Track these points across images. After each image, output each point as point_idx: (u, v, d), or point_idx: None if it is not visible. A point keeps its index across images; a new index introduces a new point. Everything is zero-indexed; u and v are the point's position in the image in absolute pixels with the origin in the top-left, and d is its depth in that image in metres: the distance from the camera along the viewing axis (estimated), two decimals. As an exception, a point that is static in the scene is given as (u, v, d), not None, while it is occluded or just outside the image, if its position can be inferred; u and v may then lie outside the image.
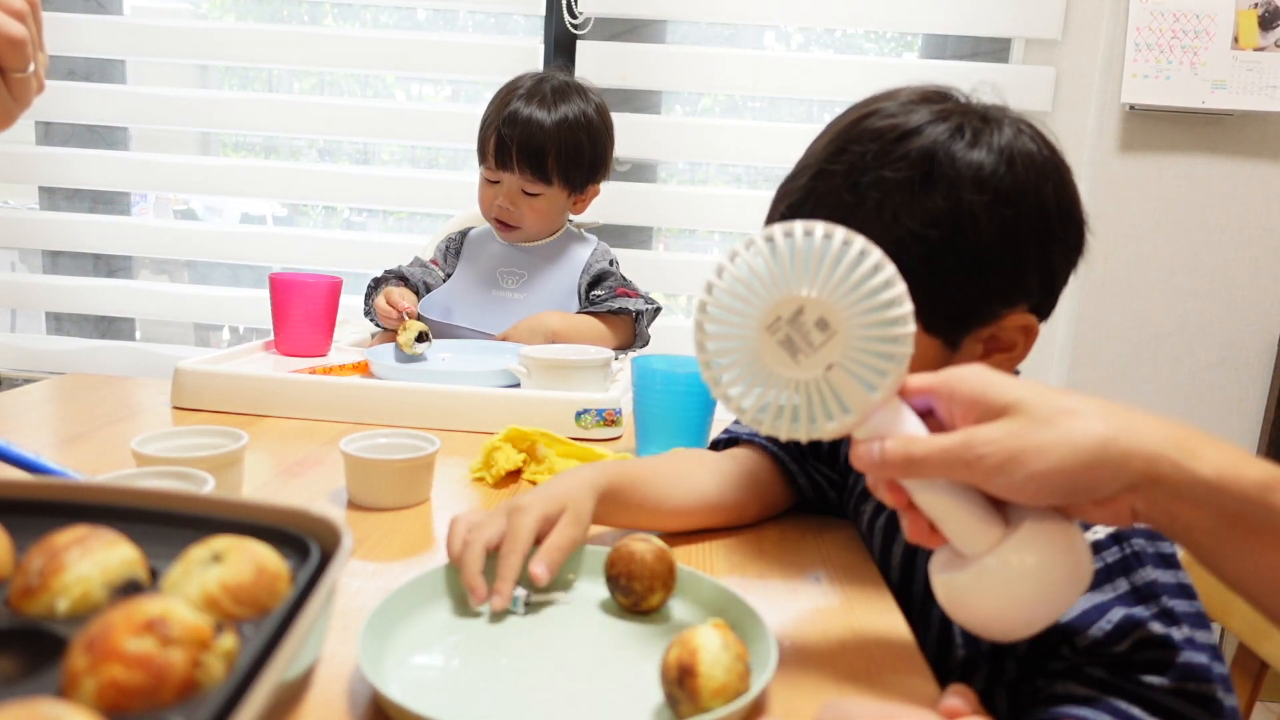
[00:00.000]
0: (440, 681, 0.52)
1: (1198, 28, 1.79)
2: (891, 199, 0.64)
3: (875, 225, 0.62)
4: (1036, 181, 0.65)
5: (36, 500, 0.49)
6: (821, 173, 0.69)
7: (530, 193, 1.45)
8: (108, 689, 0.33)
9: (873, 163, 0.65)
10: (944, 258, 0.64)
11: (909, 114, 0.66)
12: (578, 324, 1.42)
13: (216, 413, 1.07)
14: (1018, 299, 0.66)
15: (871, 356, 0.50)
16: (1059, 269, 0.68)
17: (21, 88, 0.70)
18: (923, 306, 0.57)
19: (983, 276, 0.64)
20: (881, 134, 0.66)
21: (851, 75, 1.93)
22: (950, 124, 0.65)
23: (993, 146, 0.64)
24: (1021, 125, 0.67)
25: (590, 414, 1.05)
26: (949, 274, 0.64)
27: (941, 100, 0.68)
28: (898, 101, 0.69)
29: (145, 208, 2.37)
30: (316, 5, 2.16)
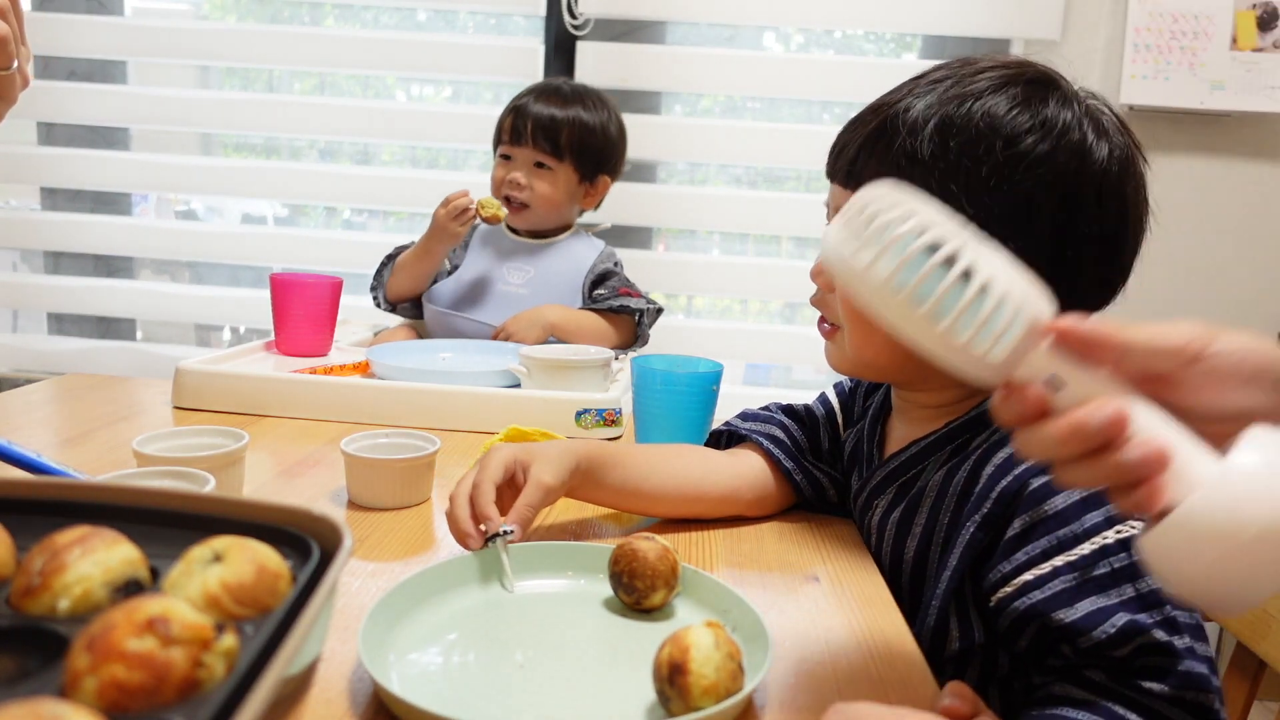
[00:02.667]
0: (441, 676, 0.53)
1: (1196, 28, 1.79)
2: (940, 159, 0.65)
3: (916, 165, 0.65)
4: (1082, 156, 0.65)
5: (38, 500, 0.49)
6: (891, 99, 0.71)
7: (542, 165, 1.47)
8: (109, 688, 0.34)
9: (936, 112, 0.66)
10: (956, 198, 0.63)
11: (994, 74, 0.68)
12: (577, 318, 1.42)
13: (217, 413, 1.07)
14: (1030, 258, 0.64)
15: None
16: (1091, 257, 0.66)
17: (7, 84, 0.70)
18: None
19: (986, 225, 0.61)
20: (958, 90, 0.67)
21: (851, 76, 1.93)
22: (1021, 91, 0.66)
23: (1045, 116, 0.65)
24: (1109, 113, 0.68)
25: (590, 414, 1.05)
26: (975, 190, 0.64)
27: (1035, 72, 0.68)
28: (995, 61, 0.70)
29: (146, 208, 2.37)
30: (317, 6, 2.16)
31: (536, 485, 0.70)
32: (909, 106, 0.68)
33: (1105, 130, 0.67)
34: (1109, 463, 0.42)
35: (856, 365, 0.75)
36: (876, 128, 0.69)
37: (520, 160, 1.48)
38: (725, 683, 0.48)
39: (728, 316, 2.32)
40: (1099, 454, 0.42)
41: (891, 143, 0.67)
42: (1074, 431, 0.42)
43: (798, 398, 0.96)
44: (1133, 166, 0.68)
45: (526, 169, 1.48)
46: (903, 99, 0.69)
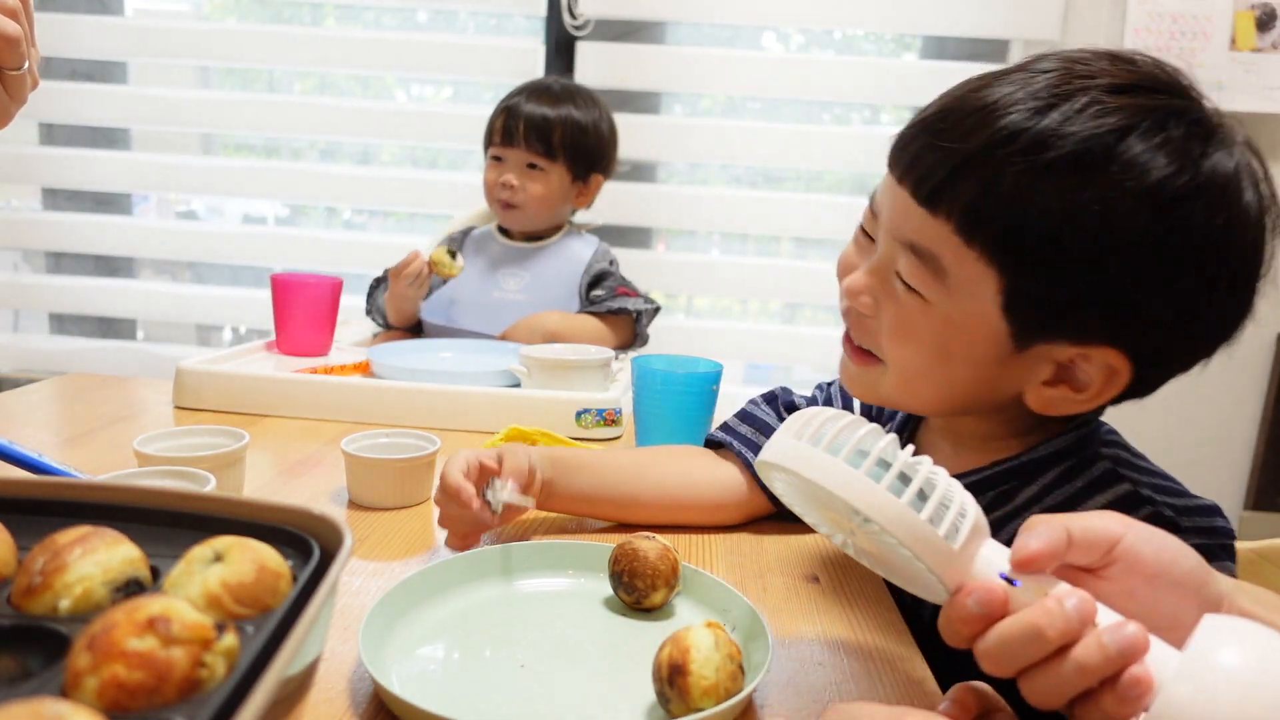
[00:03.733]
0: (441, 675, 0.53)
1: (1195, 29, 1.79)
2: (1037, 172, 0.54)
3: (1012, 185, 0.54)
4: (1227, 226, 0.54)
5: (39, 499, 0.49)
6: (980, 89, 0.58)
7: (534, 166, 1.47)
8: (109, 687, 0.34)
9: (1036, 121, 0.54)
10: (1070, 247, 0.54)
11: (1108, 67, 0.57)
12: (577, 324, 1.42)
13: (218, 412, 1.07)
14: (1122, 335, 0.56)
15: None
16: (1200, 331, 0.57)
17: (17, 85, 0.70)
18: (1018, 282, 0.55)
19: (1097, 287, 0.54)
20: (1061, 86, 0.55)
21: (851, 76, 1.93)
22: (1141, 104, 0.54)
23: (1190, 158, 0.54)
24: (1249, 158, 0.56)
25: (590, 414, 1.05)
26: (1065, 265, 0.54)
27: (1156, 71, 0.57)
28: (1105, 51, 0.58)
29: (147, 208, 2.37)
30: (317, 6, 2.16)
31: (516, 457, 0.71)
32: (1023, 126, 0.54)
33: (1256, 177, 0.56)
34: (1082, 657, 0.40)
35: (887, 401, 0.67)
36: (980, 148, 0.56)
37: (512, 161, 1.48)
38: (725, 683, 0.48)
39: (728, 316, 2.33)
40: (1064, 653, 0.40)
41: (995, 180, 0.55)
42: (1047, 618, 0.40)
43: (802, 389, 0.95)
44: (1263, 223, 0.57)
45: (519, 170, 1.47)
46: (1011, 110, 0.55)
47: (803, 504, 0.53)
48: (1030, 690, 0.41)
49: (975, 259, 0.56)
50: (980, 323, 0.58)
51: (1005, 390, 0.62)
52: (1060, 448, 0.64)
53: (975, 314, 0.58)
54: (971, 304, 0.58)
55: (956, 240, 0.57)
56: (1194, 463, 1.98)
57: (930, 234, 0.58)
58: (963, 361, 0.60)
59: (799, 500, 0.53)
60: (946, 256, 0.57)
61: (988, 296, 0.57)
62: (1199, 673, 0.39)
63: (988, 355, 0.59)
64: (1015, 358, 0.59)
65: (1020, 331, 0.58)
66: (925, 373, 0.62)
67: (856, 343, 0.66)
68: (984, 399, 0.63)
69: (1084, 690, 0.40)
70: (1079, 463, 0.64)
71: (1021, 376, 0.61)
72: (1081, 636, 0.40)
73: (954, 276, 0.58)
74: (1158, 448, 2.25)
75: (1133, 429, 0.71)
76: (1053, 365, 0.59)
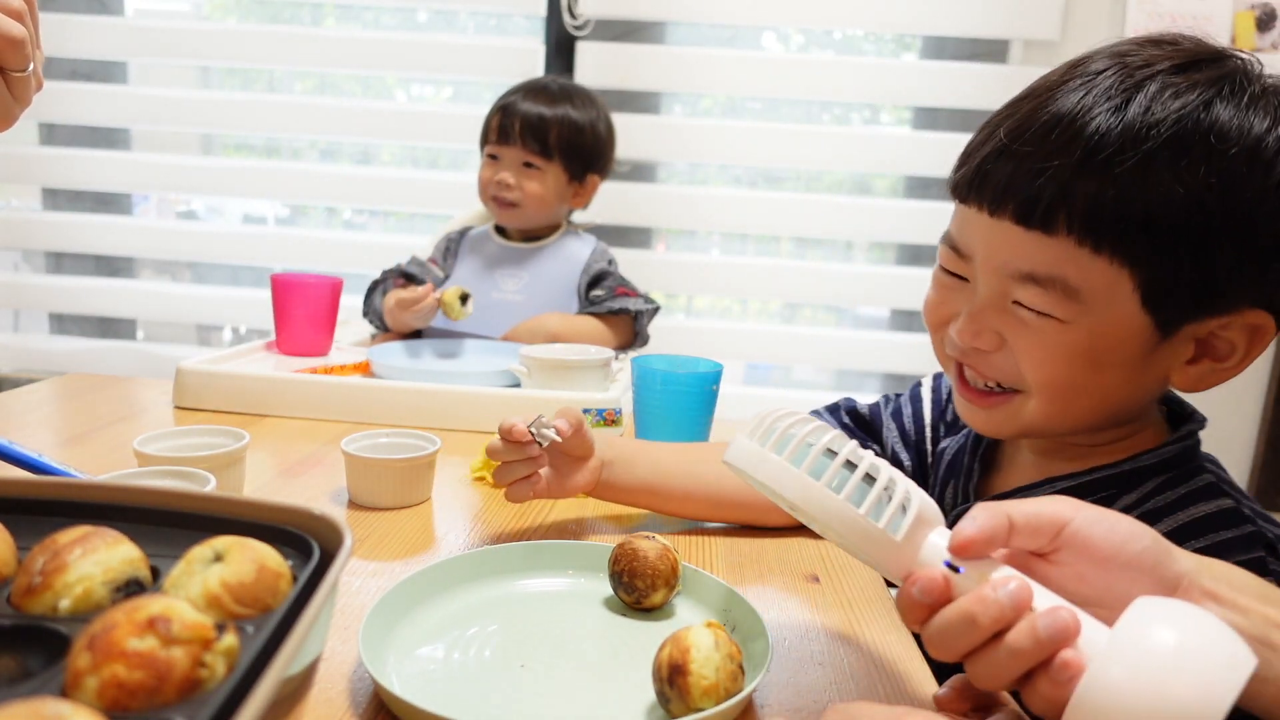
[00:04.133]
0: (441, 675, 0.53)
1: (1195, 29, 1.79)
2: (1144, 161, 0.54)
3: (1125, 180, 0.55)
4: None
5: (39, 499, 0.49)
6: (1052, 101, 0.58)
7: (531, 165, 1.47)
8: (110, 687, 0.34)
9: (1121, 115, 0.56)
10: (1205, 225, 0.55)
11: (1162, 51, 0.60)
12: (577, 325, 1.42)
13: (218, 412, 1.07)
14: (1262, 293, 0.57)
15: None
16: None
17: (22, 87, 0.71)
18: (1154, 273, 0.56)
19: (1241, 255, 0.55)
20: (1132, 77, 0.57)
21: (851, 76, 1.93)
22: (1210, 74, 0.57)
23: (1271, 110, 0.56)
24: None
25: (590, 414, 1.05)
26: (1204, 243, 0.55)
27: (1199, 45, 0.61)
28: (1146, 39, 0.62)
29: (147, 208, 2.37)
30: (317, 6, 2.16)
31: (570, 409, 0.74)
32: (1112, 125, 0.55)
33: None
34: (1015, 642, 0.41)
35: (1039, 429, 0.64)
36: (1078, 161, 0.56)
37: (508, 160, 1.47)
38: (725, 683, 0.48)
39: (728, 316, 2.33)
40: (1000, 638, 0.42)
41: (1106, 182, 0.55)
42: (981, 605, 0.42)
43: (798, 398, 0.96)
44: None
45: (515, 169, 1.47)
46: (1093, 114, 0.56)
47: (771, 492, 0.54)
48: (973, 674, 0.43)
49: (1105, 266, 0.56)
50: (1124, 325, 0.58)
51: (1154, 383, 0.62)
52: (1165, 457, 0.63)
53: (1117, 318, 0.58)
54: (1111, 310, 0.57)
55: (1081, 253, 0.57)
56: (1194, 463, 1.98)
57: (1050, 257, 0.57)
58: (1113, 366, 0.60)
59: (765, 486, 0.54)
60: (1073, 274, 0.57)
61: (1125, 297, 0.57)
62: (1124, 652, 0.39)
63: (1136, 353, 0.59)
64: (1161, 346, 0.59)
65: (1164, 321, 0.58)
66: (1078, 388, 0.61)
67: (975, 383, 0.65)
68: (1136, 398, 0.63)
69: (1022, 672, 0.42)
70: (1181, 474, 0.63)
71: (1167, 364, 0.61)
72: (1016, 622, 0.42)
73: (1086, 290, 0.57)
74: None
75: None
76: (1193, 342, 0.59)
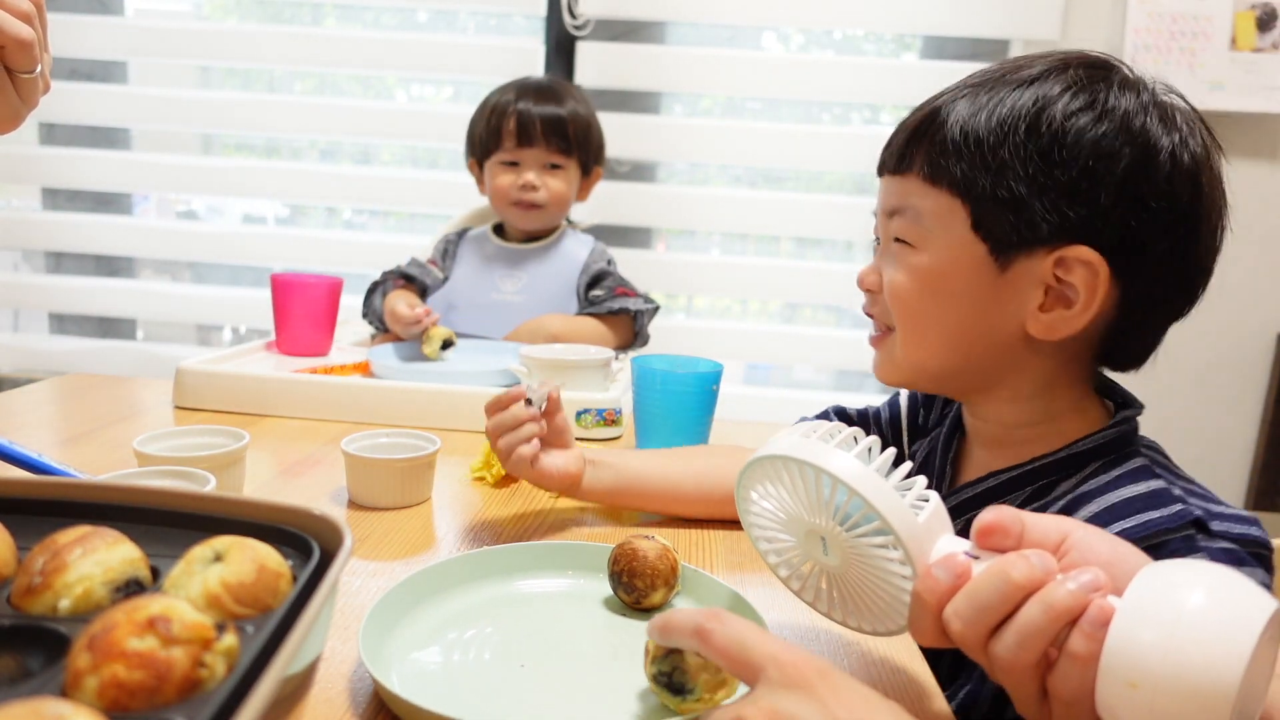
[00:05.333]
0: (441, 675, 0.53)
1: (1195, 29, 1.79)
2: (987, 91, 0.64)
3: (963, 111, 0.64)
4: (1150, 122, 0.62)
5: (39, 499, 0.49)
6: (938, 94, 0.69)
7: (554, 165, 1.48)
8: (110, 687, 0.34)
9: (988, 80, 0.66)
10: (1015, 149, 0.62)
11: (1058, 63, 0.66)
12: (578, 326, 1.42)
13: (218, 412, 1.07)
14: (1083, 230, 0.61)
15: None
16: (1155, 219, 0.61)
17: (29, 89, 0.71)
18: (979, 200, 0.63)
19: (1047, 180, 0.61)
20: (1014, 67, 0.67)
21: (851, 76, 1.93)
22: (1085, 74, 0.64)
23: (1133, 93, 0.64)
24: (1187, 107, 0.67)
25: (590, 414, 1.05)
26: (1014, 167, 0.62)
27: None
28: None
29: (147, 208, 2.37)
30: (317, 6, 2.16)
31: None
32: (956, 96, 0.66)
33: (1173, 121, 0.64)
34: (1049, 596, 0.41)
35: (909, 371, 0.71)
36: (925, 116, 0.67)
37: (530, 161, 1.48)
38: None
39: (728, 316, 2.33)
40: (1022, 608, 0.41)
41: (941, 128, 0.65)
42: (1011, 563, 0.42)
43: (798, 398, 0.96)
44: (1207, 160, 0.64)
45: (538, 170, 1.48)
46: (950, 91, 0.68)
47: (772, 525, 0.55)
48: (1000, 649, 0.42)
49: (942, 194, 0.65)
50: (961, 250, 0.65)
51: (1004, 324, 0.66)
52: (1101, 443, 0.66)
53: (955, 243, 0.65)
54: (949, 235, 0.65)
55: (925, 186, 0.66)
56: (1194, 463, 1.97)
57: (904, 191, 0.68)
58: (957, 296, 0.66)
59: (769, 520, 0.55)
60: (918, 202, 0.66)
61: (960, 223, 0.64)
62: (1152, 596, 0.39)
63: (976, 283, 0.65)
64: (1002, 281, 0.64)
65: (994, 247, 0.64)
66: (926, 317, 0.67)
67: (877, 323, 0.73)
68: (994, 341, 0.67)
69: (1054, 637, 0.41)
70: (1117, 458, 0.65)
71: (1016, 305, 0.65)
72: (1046, 583, 0.41)
73: (929, 216, 0.66)
74: (1158, 448, 2.20)
75: (1133, 429, 0.72)
76: (1040, 287, 0.63)
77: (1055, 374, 0.68)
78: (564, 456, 0.78)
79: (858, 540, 0.49)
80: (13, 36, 0.67)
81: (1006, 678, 0.42)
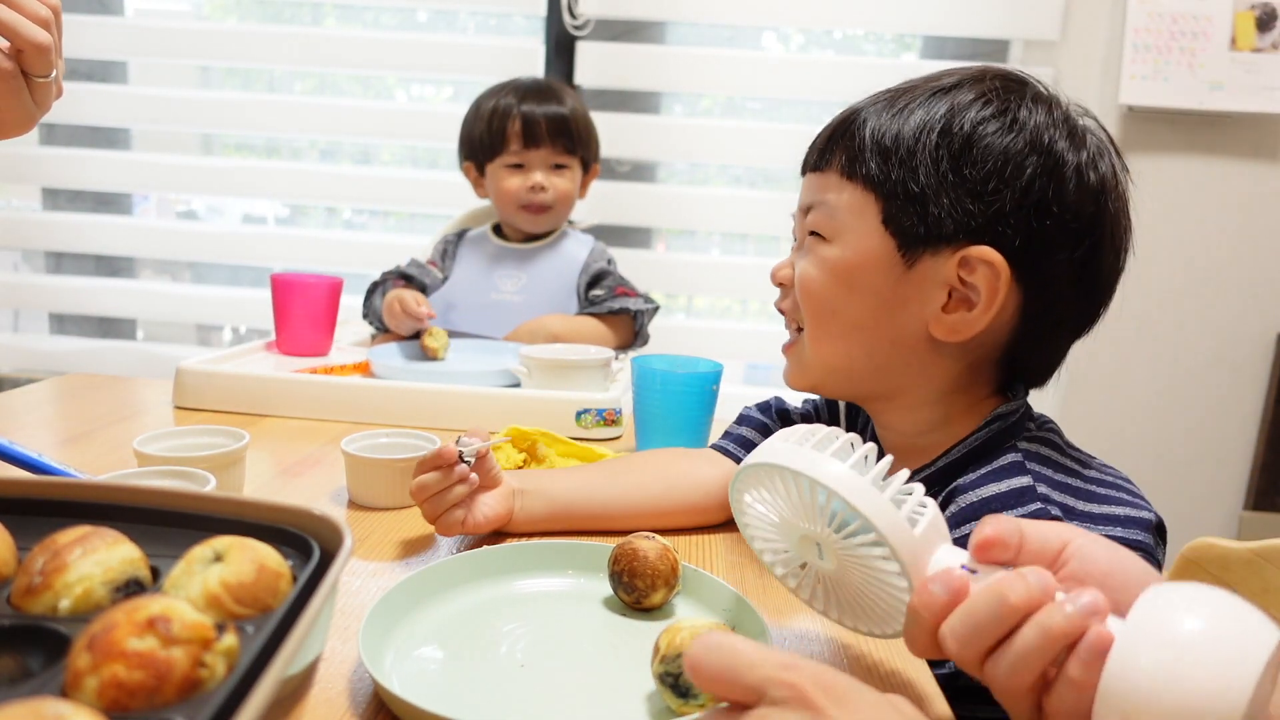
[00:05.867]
0: (441, 675, 0.53)
1: (1195, 29, 1.79)
2: (906, 99, 0.67)
3: (883, 116, 0.67)
4: (1057, 132, 0.65)
5: (39, 499, 0.49)
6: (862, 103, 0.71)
7: (559, 165, 1.49)
8: (110, 687, 0.34)
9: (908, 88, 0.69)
10: (927, 151, 0.64)
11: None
12: (578, 326, 1.42)
13: (218, 412, 1.07)
14: (986, 231, 0.63)
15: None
16: (1052, 220, 0.63)
17: (43, 92, 0.72)
18: (889, 196, 0.66)
19: (956, 180, 0.64)
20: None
21: (851, 76, 1.93)
22: (999, 86, 0.67)
23: (1047, 110, 0.66)
24: (1097, 126, 0.68)
25: (590, 414, 1.05)
26: (924, 167, 0.64)
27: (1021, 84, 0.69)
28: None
29: (147, 208, 2.37)
30: (317, 6, 2.16)
31: (476, 428, 0.73)
32: (877, 99, 0.70)
33: (1083, 141, 0.66)
34: (1045, 620, 0.40)
35: (818, 372, 0.73)
36: (846, 117, 0.71)
37: (536, 163, 1.48)
38: None
39: (728, 316, 2.33)
40: (1019, 631, 0.40)
41: (861, 128, 0.68)
42: (1009, 584, 0.41)
43: (798, 397, 0.96)
44: (1115, 184, 0.66)
45: (545, 170, 1.48)
46: (872, 96, 0.71)
47: (767, 528, 0.55)
48: (995, 672, 0.41)
49: (855, 189, 0.67)
50: (870, 244, 0.67)
51: (909, 324, 0.67)
52: (983, 440, 0.68)
53: (865, 235, 0.67)
54: (860, 227, 0.67)
55: (841, 181, 0.68)
56: (1194, 463, 1.98)
57: (822, 186, 0.70)
58: (863, 291, 0.67)
59: (764, 524, 0.55)
60: (833, 197, 0.69)
61: (871, 217, 0.67)
62: (1151, 627, 0.38)
63: (883, 279, 0.67)
64: (907, 279, 0.66)
65: (902, 243, 0.66)
66: (834, 310, 0.69)
67: (789, 321, 0.76)
68: (893, 337, 0.68)
69: (1051, 660, 0.40)
70: (995, 454, 0.67)
71: (920, 304, 0.66)
72: (1044, 604, 0.40)
73: (842, 210, 0.68)
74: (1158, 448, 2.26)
75: (1133, 429, 0.72)
76: (944, 288, 0.65)
77: (957, 381, 0.69)
78: (493, 498, 0.72)
79: (854, 547, 0.48)
80: (30, 41, 0.67)
81: (1002, 696, 0.42)
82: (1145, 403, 1.96)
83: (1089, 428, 1.96)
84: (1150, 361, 1.94)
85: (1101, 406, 1.97)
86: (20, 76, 0.69)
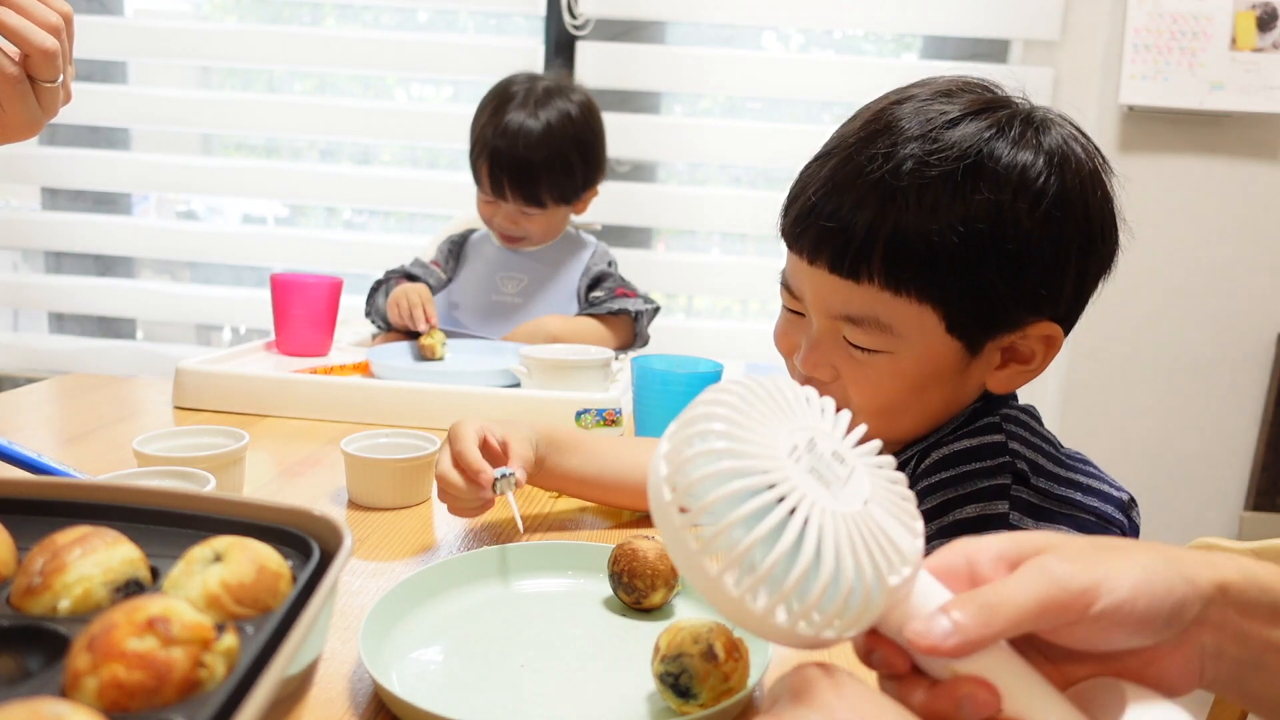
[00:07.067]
0: (441, 675, 0.53)
1: (1196, 29, 1.79)
2: (933, 189, 0.61)
3: (915, 214, 0.61)
4: (1083, 189, 0.63)
5: (38, 499, 0.49)
6: (853, 157, 0.64)
7: (529, 212, 1.46)
8: (109, 688, 0.34)
9: (914, 150, 0.61)
10: (983, 256, 0.61)
11: (951, 101, 0.64)
12: (577, 326, 1.42)
13: (218, 412, 1.07)
14: (1047, 308, 0.65)
15: (895, 498, 0.41)
16: (1092, 280, 0.67)
17: (50, 98, 0.73)
18: (951, 305, 0.62)
19: (1018, 280, 0.62)
20: (924, 120, 0.63)
21: (851, 76, 1.93)
22: (994, 118, 0.63)
23: (1041, 148, 0.62)
24: (1071, 130, 0.66)
25: (590, 414, 1.05)
26: (984, 273, 0.62)
27: (984, 92, 0.66)
28: (934, 89, 0.67)
29: (147, 208, 2.37)
30: (317, 6, 2.16)
31: (522, 443, 0.74)
32: (894, 186, 0.61)
33: (1101, 184, 0.66)
34: None
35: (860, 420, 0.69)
36: (877, 206, 0.62)
37: (505, 209, 1.45)
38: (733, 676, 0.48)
39: (728, 316, 2.33)
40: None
41: (893, 235, 0.62)
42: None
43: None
44: (1109, 193, 0.66)
45: (513, 216, 1.46)
46: (891, 159, 0.62)
47: None
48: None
49: (908, 304, 0.63)
50: (938, 351, 0.65)
51: (971, 393, 0.69)
52: (969, 414, 0.70)
53: (931, 346, 0.65)
54: (924, 340, 0.64)
55: (886, 295, 0.63)
56: (1194, 463, 1.98)
57: (861, 300, 0.64)
58: (935, 387, 0.67)
59: None
60: (884, 313, 0.64)
61: (933, 328, 0.64)
62: None
63: (950, 373, 0.67)
64: (971, 363, 0.66)
65: (970, 343, 0.65)
66: (903, 409, 0.68)
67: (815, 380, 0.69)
68: (958, 403, 0.69)
69: None
70: (970, 422, 0.69)
71: (980, 375, 0.68)
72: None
73: (898, 326, 0.64)
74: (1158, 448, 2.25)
75: (1133, 429, 0.73)
76: (999, 352, 0.67)
77: (956, 403, 0.70)
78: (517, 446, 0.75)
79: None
80: (37, 46, 0.68)
81: None
82: (1145, 403, 1.96)
83: (1089, 428, 1.96)
84: (1150, 361, 1.94)
85: (1101, 406, 1.97)
86: (26, 81, 0.70)
